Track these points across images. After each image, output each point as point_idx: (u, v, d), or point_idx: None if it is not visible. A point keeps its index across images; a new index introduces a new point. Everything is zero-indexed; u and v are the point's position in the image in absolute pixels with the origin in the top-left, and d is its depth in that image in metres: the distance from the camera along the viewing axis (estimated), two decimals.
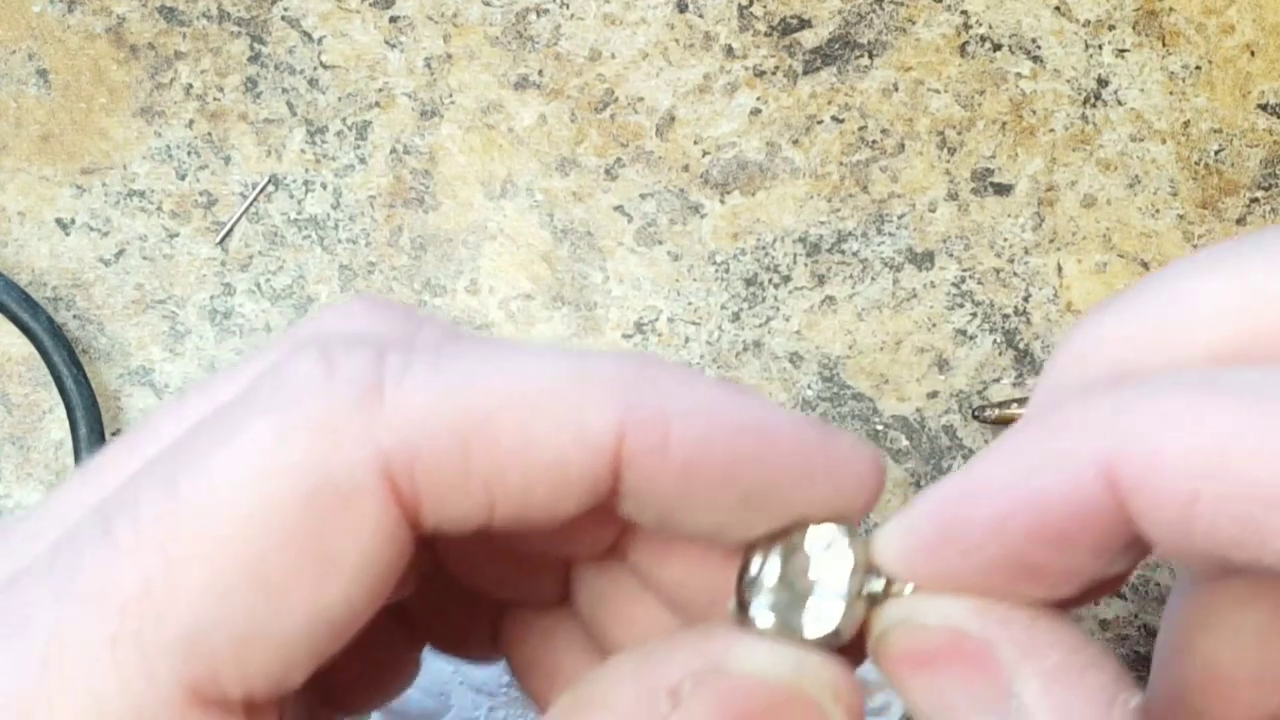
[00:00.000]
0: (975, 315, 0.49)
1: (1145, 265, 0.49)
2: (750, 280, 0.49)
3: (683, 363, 0.48)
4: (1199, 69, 0.50)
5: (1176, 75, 0.50)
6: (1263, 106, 0.50)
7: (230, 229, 0.49)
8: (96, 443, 0.46)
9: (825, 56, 0.51)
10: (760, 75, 0.50)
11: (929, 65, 0.50)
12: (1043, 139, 0.50)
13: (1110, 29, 0.51)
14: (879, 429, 0.48)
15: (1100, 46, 0.50)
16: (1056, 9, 0.51)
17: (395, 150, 0.50)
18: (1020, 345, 0.48)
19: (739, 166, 0.50)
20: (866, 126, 0.50)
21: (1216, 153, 0.50)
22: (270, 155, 0.50)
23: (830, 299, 0.49)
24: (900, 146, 0.50)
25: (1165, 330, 0.19)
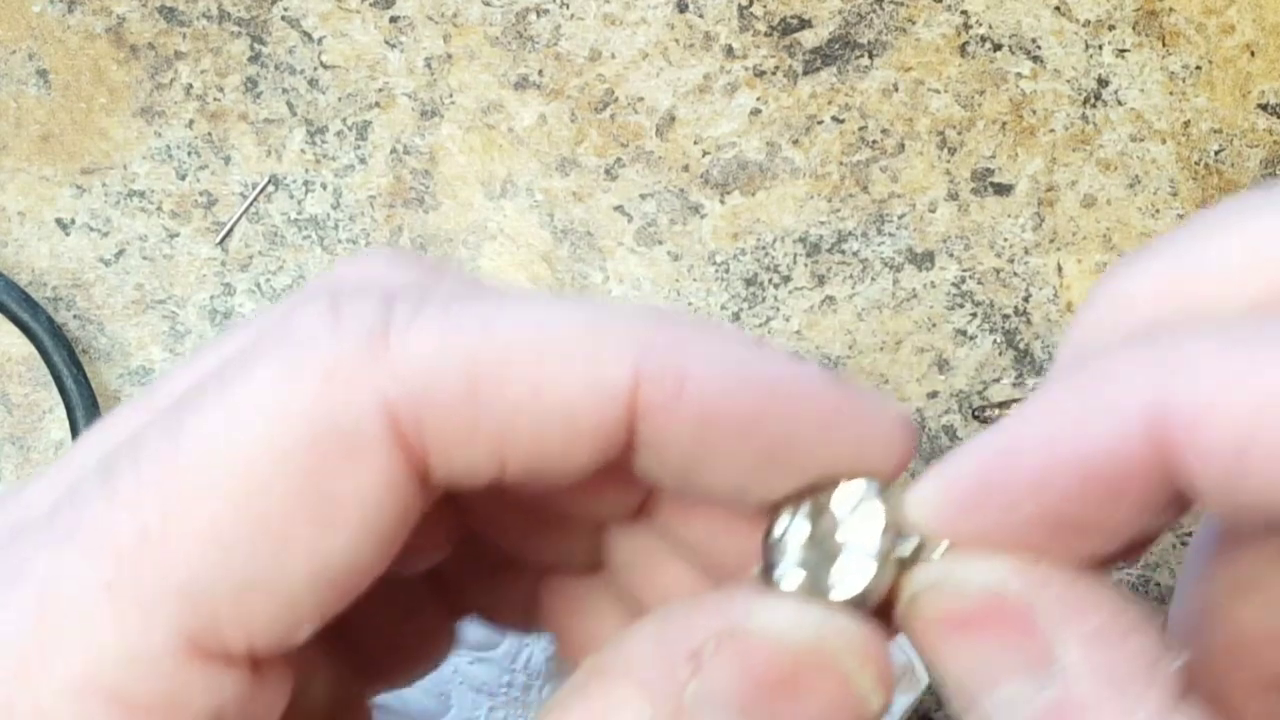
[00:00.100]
0: (975, 315, 0.49)
1: None
2: (750, 280, 0.49)
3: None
4: (1199, 69, 0.50)
5: (1177, 75, 0.50)
6: (1263, 106, 0.50)
7: (230, 229, 0.49)
8: None
9: (825, 56, 0.51)
10: (760, 75, 0.50)
11: (929, 65, 0.50)
12: (1043, 139, 0.50)
13: (1110, 29, 0.51)
14: None
15: (1100, 46, 0.50)
16: (1056, 9, 0.51)
17: (395, 150, 0.50)
18: (1020, 345, 0.48)
19: (739, 166, 0.50)
20: (867, 126, 0.50)
21: (1217, 153, 0.50)
22: (270, 155, 0.50)
23: (830, 299, 0.49)
24: (900, 146, 0.50)
25: (1200, 281, 0.18)
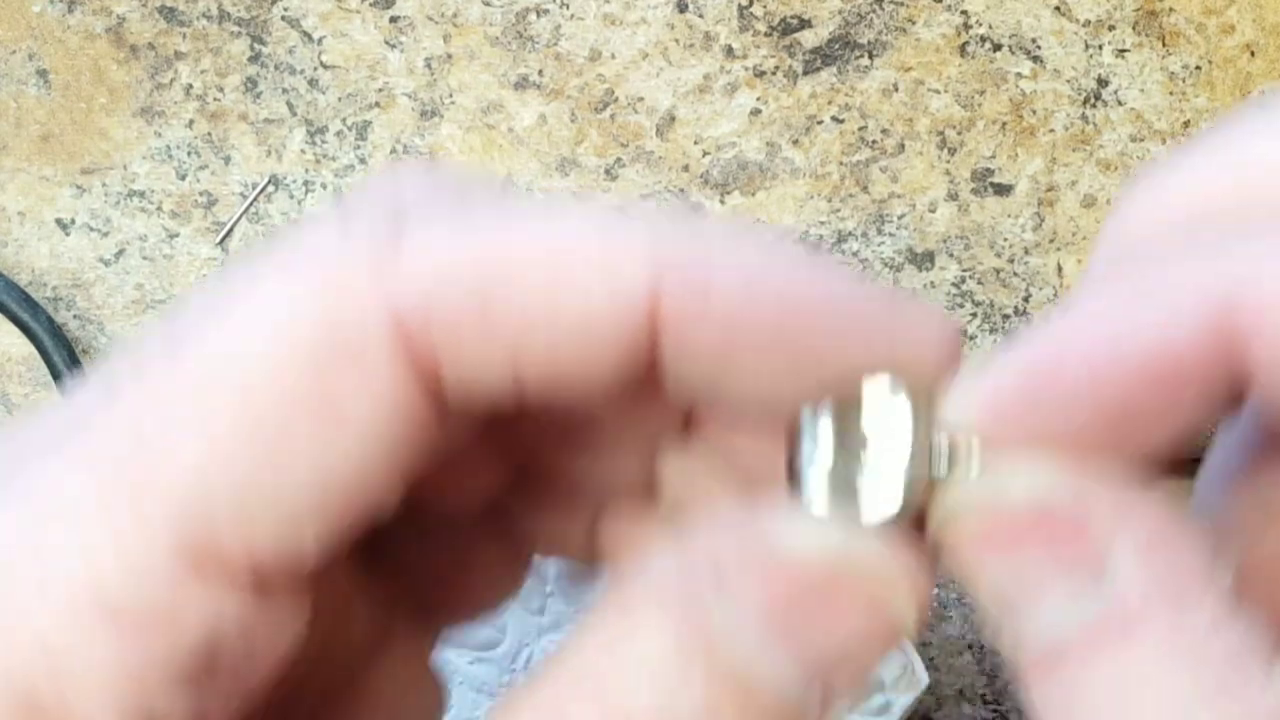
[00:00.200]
0: (975, 315, 0.49)
1: None
2: None
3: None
4: (1199, 69, 0.50)
5: (1177, 75, 0.50)
6: None
7: (230, 229, 0.49)
8: None
9: (825, 56, 0.51)
10: (760, 75, 0.50)
11: (929, 65, 0.50)
12: (1043, 139, 0.50)
13: (1110, 29, 0.51)
14: None
15: (1100, 46, 0.50)
16: (1056, 9, 0.51)
17: (395, 150, 0.50)
18: None
19: (739, 166, 0.50)
20: (866, 126, 0.50)
21: None
22: (270, 155, 0.50)
23: None
24: (900, 146, 0.50)
25: (1249, 176, 0.18)
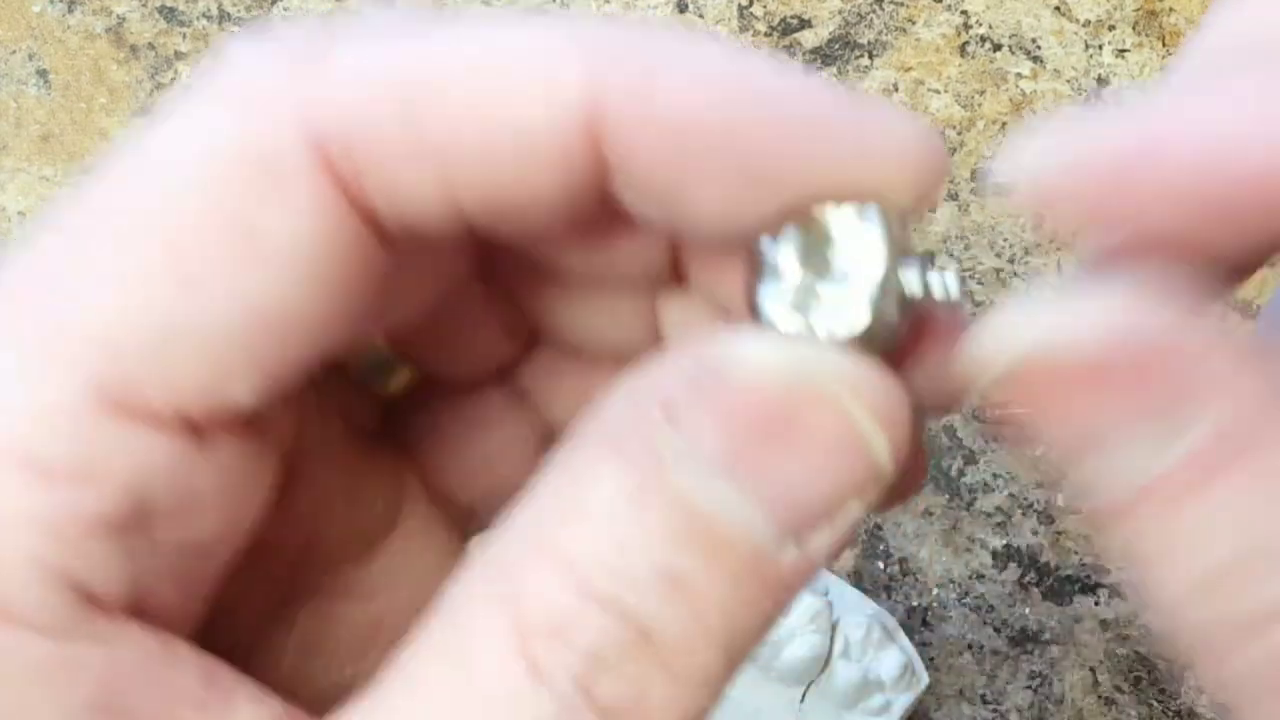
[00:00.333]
0: (976, 315, 0.48)
1: None
2: None
3: None
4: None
5: None
6: None
7: None
8: None
9: (825, 57, 0.51)
10: None
11: (929, 65, 0.50)
12: None
13: (1110, 29, 0.50)
14: None
15: (1100, 46, 0.50)
16: (1056, 9, 0.51)
17: None
18: None
19: None
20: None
21: None
22: None
23: None
24: None
25: None
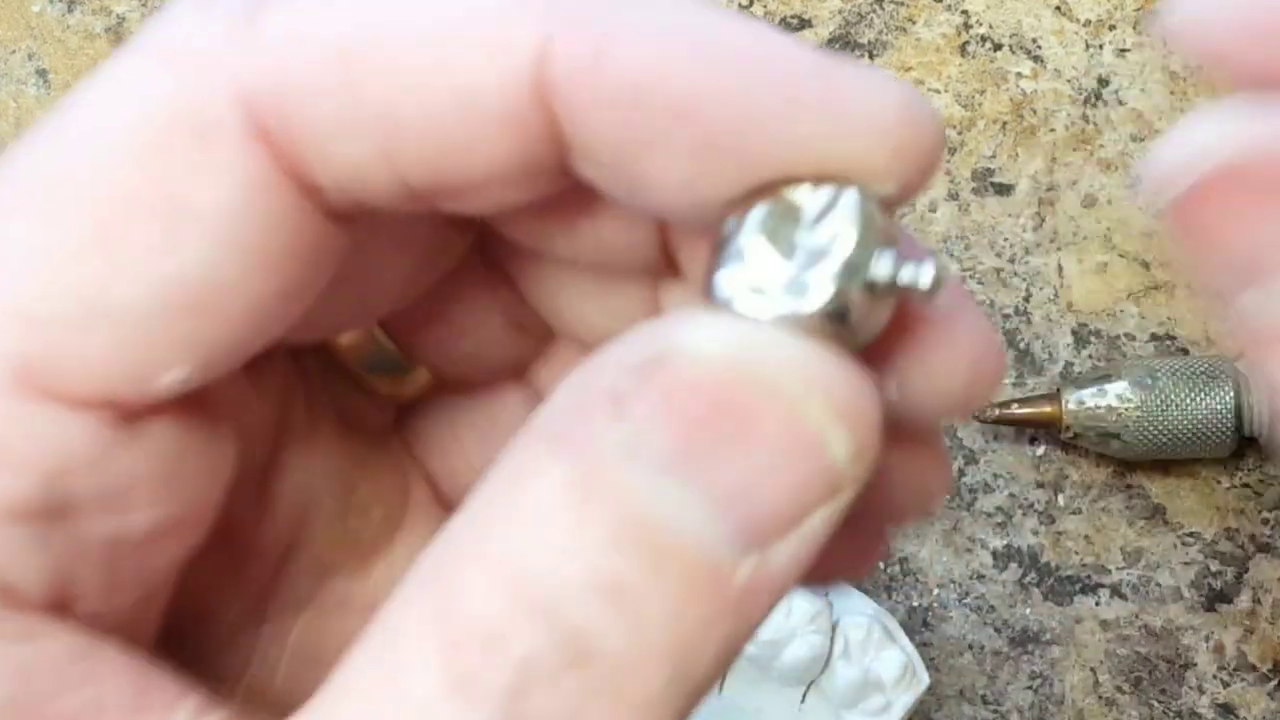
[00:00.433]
0: (983, 314, 0.48)
1: (1146, 265, 0.48)
2: None
3: None
4: (1200, 68, 0.50)
5: (1178, 75, 0.50)
6: None
7: None
8: None
9: None
10: None
11: (929, 65, 0.50)
12: (1043, 139, 0.50)
13: (1111, 28, 0.50)
14: None
15: (1101, 46, 0.50)
16: (1057, 8, 0.51)
17: None
18: (1021, 345, 0.48)
19: None
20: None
21: None
22: None
23: None
24: None
25: None
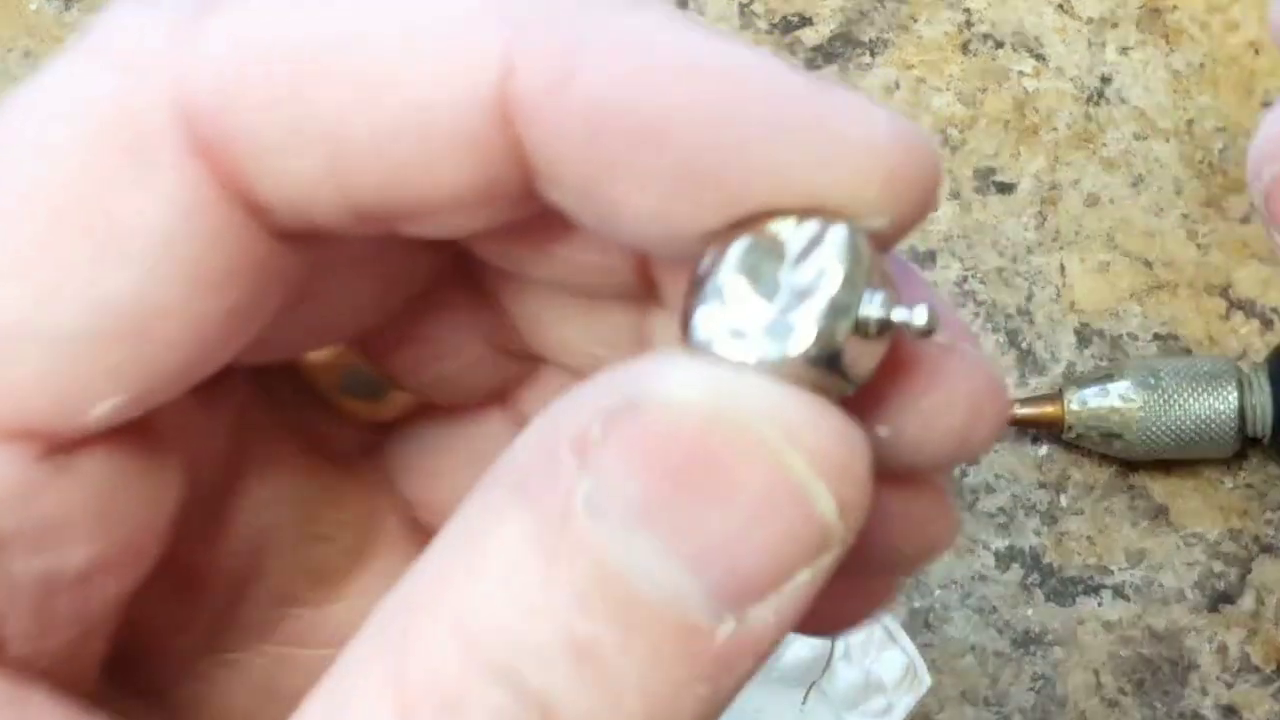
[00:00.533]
0: (978, 315, 0.48)
1: (1149, 264, 0.48)
2: None
3: None
4: (1203, 67, 0.50)
5: (1180, 73, 0.50)
6: (1267, 104, 0.50)
7: None
8: None
9: (827, 54, 0.50)
10: None
11: (931, 63, 0.50)
12: (1045, 137, 0.49)
13: (1113, 27, 0.50)
14: None
15: (1103, 44, 0.50)
16: (1059, 7, 0.50)
17: None
18: (1023, 345, 0.48)
19: None
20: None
21: (1221, 151, 0.49)
22: None
23: None
24: None
25: None
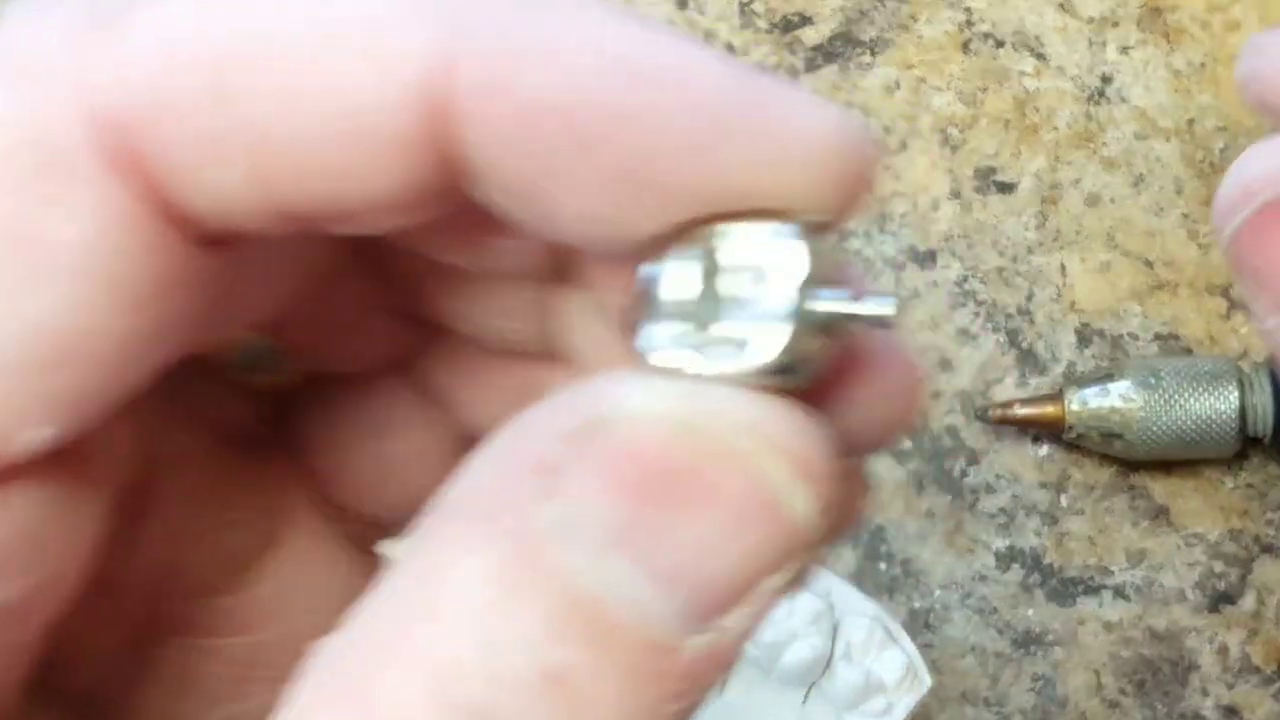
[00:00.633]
0: (978, 315, 0.48)
1: (1149, 264, 0.48)
2: None
3: None
4: (1203, 66, 0.50)
5: (1181, 72, 0.50)
6: None
7: None
8: None
9: (827, 54, 0.50)
10: None
11: (931, 63, 0.50)
12: (1046, 137, 0.49)
13: (1114, 26, 0.50)
14: None
15: (1104, 44, 0.50)
16: (1060, 6, 0.50)
17: None
18: (1023, 345, 0.48)
19: None
20: (869, 124, 0.50)
21: (1221, 150, 0.49)
22: None
23: None
24: (903, 144, 0.49)
25: None
